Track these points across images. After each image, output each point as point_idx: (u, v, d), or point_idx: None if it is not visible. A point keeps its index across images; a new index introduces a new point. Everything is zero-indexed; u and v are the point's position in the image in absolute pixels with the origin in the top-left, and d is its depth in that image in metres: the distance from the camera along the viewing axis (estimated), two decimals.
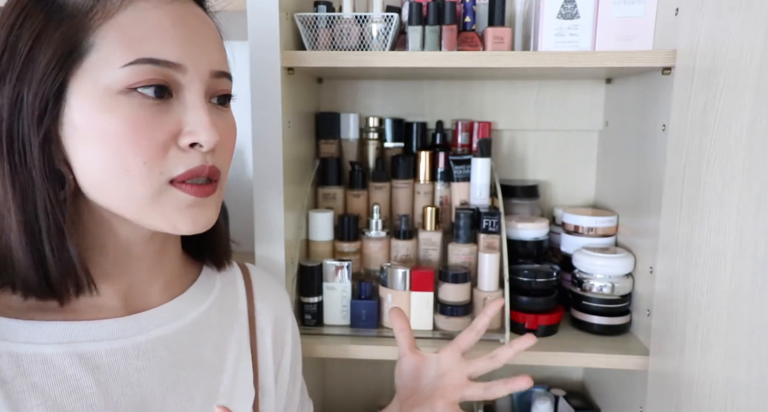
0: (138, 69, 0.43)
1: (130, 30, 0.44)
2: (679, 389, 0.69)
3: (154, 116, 0.44)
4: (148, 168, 0.44)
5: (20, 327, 0.45)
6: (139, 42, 0.43)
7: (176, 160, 0.46)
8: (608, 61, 0.75)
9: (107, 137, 0.43)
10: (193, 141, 0.46)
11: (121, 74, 0.43)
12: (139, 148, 0.44)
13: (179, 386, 0.51)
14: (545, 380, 1.14)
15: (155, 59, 0.44)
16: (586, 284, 0.86)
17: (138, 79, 0.43)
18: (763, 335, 0.53)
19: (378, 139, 1.03)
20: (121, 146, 0.44)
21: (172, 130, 0.45)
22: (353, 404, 1.18)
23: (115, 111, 0.43)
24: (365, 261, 0.93)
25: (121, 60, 0.43)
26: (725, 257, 0.60)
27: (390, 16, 0.80)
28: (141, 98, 0.44)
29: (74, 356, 0.46)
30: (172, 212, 0.47)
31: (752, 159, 0.55)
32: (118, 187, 0.45)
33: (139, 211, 0.46)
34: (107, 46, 0.43)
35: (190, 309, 0.55)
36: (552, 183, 1.08)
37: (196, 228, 0.48)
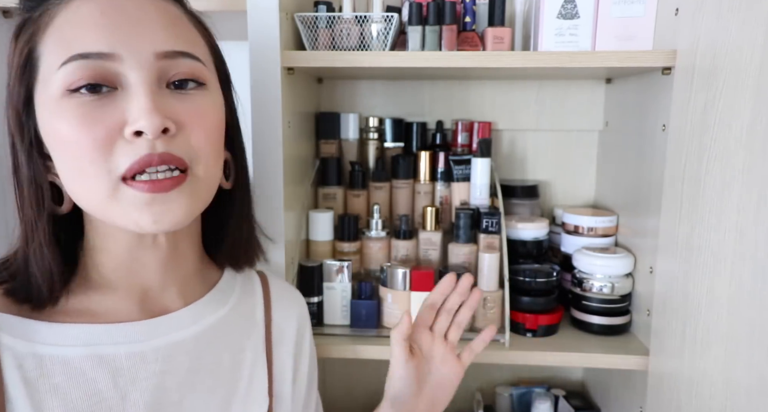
0: (71, 67, 0.42)
1: (64, 30, 0.44)
2: (679, 389, 0.69)
3: (93, 113, 0.43)
4: (96, 166, 0.43)
5: (43, 328, 0.45)
6: (70, 41, 0.43)
7: (121, 153, 0.43)
8: (608, 61, 0.75)
9: (59, 143, 0.44)
10: (134, 129, 0.43)
11: (58, 77, 0.43)
12: (82, 148, 0.43)
13: (195, 391, 0.52)
14: (545, 380, 1.14)
15: (85, 53, 0.42)
16: (586, 284, 0.86)
17: (73, 77, 0.42)
18: (763, 335, 0.53)
19: (378, 139, 1.03)
20: (69, 149, 0.44)
21: (114, 124, 0.43)
22: (353, 404, 1.18)
23: (61, 115, 0.43)
24: (365, 261, 0.93)
25: (57, 62, 0.43)
26: (725, 257, 0.60)
27: (390, 16, 0.80)
28: (79, 97, 0.43)
29: (94, 359, 0.46)
30: (131, 211, 0.44)
31: (752, 159, 0.55)
32: (80, 190, 0.46)
33: (102, 212, 0.46)
34: (49, 52, 0.44)
35: (208, 314, 0.55)
36: (552, 183, 1.08)
37: (161, 227, 0.45)
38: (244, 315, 0.60)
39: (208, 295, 0.57)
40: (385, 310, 0.87)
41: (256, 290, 0.63)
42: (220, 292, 0.58)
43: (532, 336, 0.86)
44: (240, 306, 0.59)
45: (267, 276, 0.66)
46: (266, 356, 0.60)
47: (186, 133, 0.46)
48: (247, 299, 0.61)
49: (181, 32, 0.47)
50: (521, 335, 0.87)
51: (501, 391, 1.09)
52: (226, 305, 0.58)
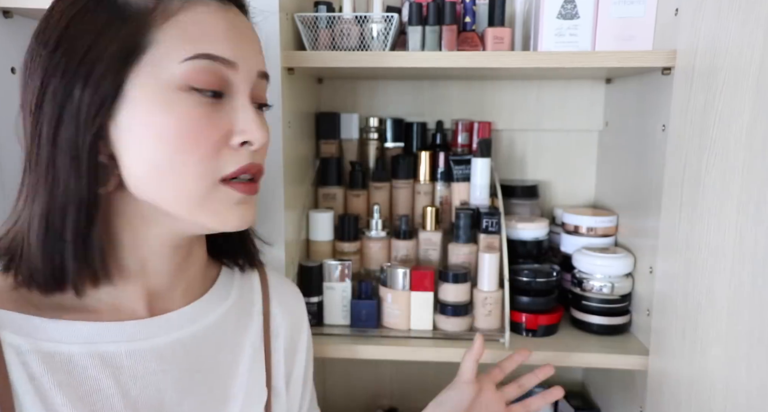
0: (196, 64, 0.45)
1: (189, 29, 0.45)
2: (678, 389, 0.69)
3: (209, 115, 0.46)
4: (203, 166, 0.46)
5: (46, 325, 0.45)
6: (197, 39, 0.45)
7: (228, 158, 0.47)
8: (608, 61, 0.75)
9: (165, 134, 0.44)
10: (244, 140, 0.47)
11: (181, 69, 0.44)
12: (196, 146, 0.45)
13: (195, 388, 0.52)
14: (545, 380, 1.14)
15: (213, 55, 0.45)
16: (585, 284, 0.86)
17: (197, 74, 0.45)
18: (763, 335, 0.53)
19: (378, 139, 1.03)
20: (179, 143, 0.45)
21: (225, 129, 0.47)
22: (353, 404, 1.18)
23: (175, 108, 0.44)
24: (365, 261, 0.93)
25: (180, 55, 0.44)
26: (725, 257, 0.60)
27: (390, 16, 0.80)
28: (198, 96, 0.45)
29: (96, 357, 0.46)
30: (221, 210, 0.48)
31: (752, 159, 0.55)
32: (171, 184, 0.46)
33: (189, 208, 0.47)
34: (167, 42, 0.44)
35: (208, 312, 0.55)
36: (552, 183, 1.09)
37: (243, 225, 0.50)
38: (244, 310, 0.60)
39: (209, 293, 0.57)
40: (385, 310, 0.87)
41: (254, 284, 0.63)
42: (220, 288, 0.59)
43: (532, 336, 0.86)
44: (239, 302, 0.60)
45: (266, 270, 0.66)
46: (264, 349, 0.61)
47: (264, 147, 0.52)
48: (246, 293, 0.61)
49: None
50: (521, 335, 0.87)
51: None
52: (226, 302, 0.58)
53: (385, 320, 0.87)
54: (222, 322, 0.56)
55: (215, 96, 0.46)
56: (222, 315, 0.57)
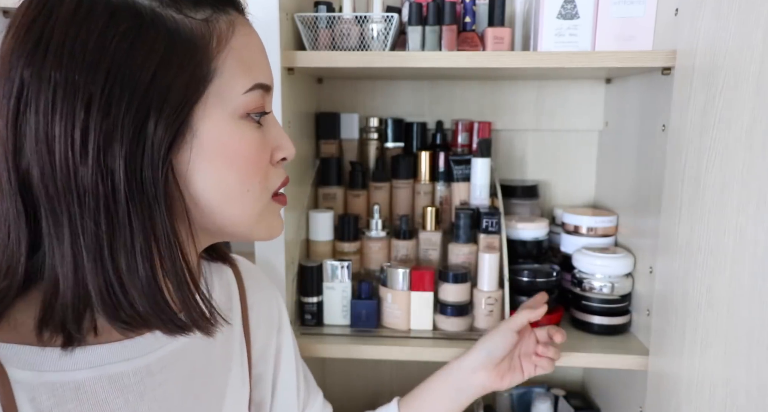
0: (255, 94, 0.46)
1: (243, 55, 0.45)
2: (678, 389, 0.69)
3: (262, 138, 0.48)
4: (262, 186, 0.48)
5: (53, 355, 0.44)
6: (251, 69, 0.46)
7: (274, 175, 0.51)
8: (608, 62, 0.75)
9: (235, 160, 0.46)
10: (283, 156, 0.51)
11: (244, 99, 0.45)
12: (258, 169, 0.48)
13: (195, 392, 0.52)
14: (545, 380, 1.14)
15: (264, 85, 0.47)
16: (586, 284, 0.86)
17: (255, 104, 0.46)
18: (763, 335, 0.53)
19: (378, 139, 1.03)
20: (246, 168, 0.46)
21: (271, 149, 0.50)
22: (353, 404, 1.18)
23: (241, 135, 0.46)
24: (365, 261, 0.93)
25: (242, 86, 0.45)
26: (725, 256, 0.60)
27: (390, 16, 0.80)
28: (253, 121, 0.47)
29: (104, 379, 0.45)
30: (272, 222, 0.52)
31: (752, 159, 0.55)
32: (237, 206, 0.47)
33: (250, 225, 0.49)
34: (228, 71, 0.44)
35: None
36: (552, 183, 1.09)
37: (279, 234, 0.54)
38: (225, 305, 0.60)
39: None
40: (385, 310, 0.87)
41: (228, 277, 0.63)
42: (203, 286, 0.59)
43: None
44: (220, 299, 0.60)
45: (236, 261, 0.66)
46: (245, 341, 0.61)
47: None
48: (223, 288, 0.62)
49: None
50: None
51: (501, 391, 1.09)
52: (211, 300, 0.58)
53: (385, 320, 0.87)
54: None
55: (260, 119, 0.48)
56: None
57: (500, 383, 0.74)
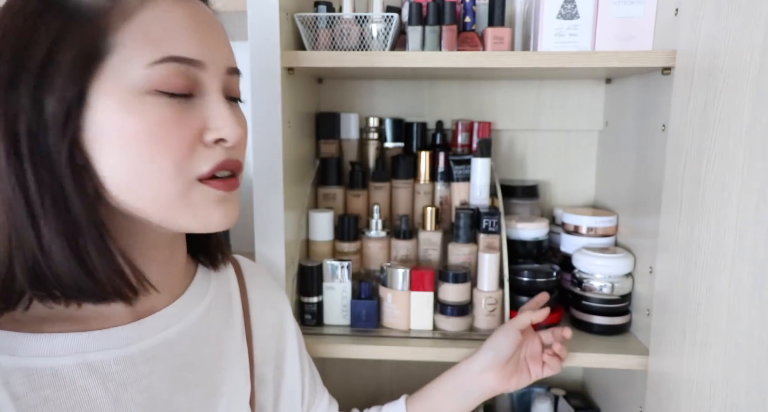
0: (163, 68, 0.43)
1: (151, 29, 0.43)
2: (678, 389, 0.69)
3: (180, 115, 0.45)
4: (178, 167, 0.45)
5: (30, 340, 0.44)
6: (161, 40, 0.43)
7: (203, 157, 0.46)
8: (608, 62, 0.75)
9: (136, 139, 0.43)
10: (219, 137, 0.47)
11: (147, 74, 0.43)
12: (169, 149, 0.44)
13: (184, 387, 0.52)
14: (545, 380, 1.13)
15: (179, 57, 0.44)
16: (586, 284, 0.86)
17: (163, 78, 0.44)
18: (763, 335, 0.53)
19: (378, 139, 1.03)
20: (151, 147, 0.44)
21: (197, 128, 0.46)
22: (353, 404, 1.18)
23: (143, 112, 0.43)
24: (365, 261, 0.93)
25: (145, 59, 0.43)
26: (725, 256, 0.60)
27: (390, 16, 0.80)
28: (167, 97, 0.44)
29: (84, 367, 0.45)
30: (202, 209, 0.47)
31: (752, 159, 0.55)
32: (148, 189, 0.45)
33: (169, 211, 0.46)
34: (129, 45, 0.43)
35: (189, 310, 0.55)
36: (552, 183, 1.09)
37: (228, 223, 0.49)
38: (222, 305, 0.60)
39: (189, 290, 0.57)
40: (385, 310, 0.87)
41: (230, 277, 0.63)
42: (199, 284, 0.58)
43: None
44: (217, 297, 0.59)
45: (239, 261, 0.66)
46: (246, 341, 0.61)
47: (241, 142, 0.50)
48: (223, 287, 0.61)
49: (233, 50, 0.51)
50: None
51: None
52: (205, 299, 0.58)
53: (385, 320, 0.87)
54: (204, 317, 0.56)
55: (185, 96, 0.45)
56: (202, 312, 0.56)
57: (507, 385, 0.74)
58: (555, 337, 0.78)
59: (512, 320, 0.78)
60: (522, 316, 0.77)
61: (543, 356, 0.77)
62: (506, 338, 0.75)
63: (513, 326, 0.76)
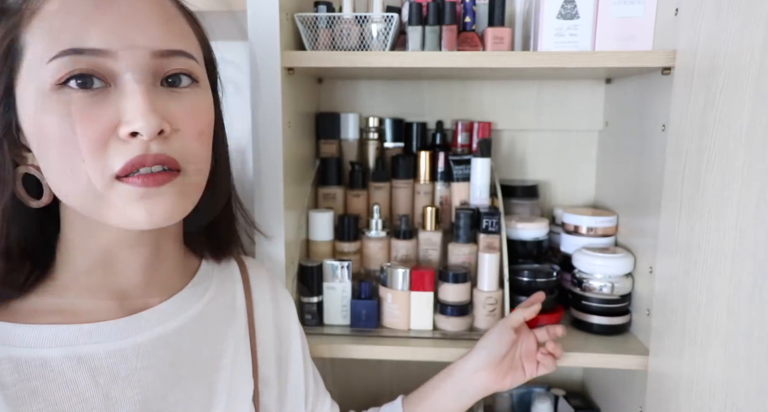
0: (62, 62, 0.41)
1: (54, 22, 0.41)
2: (678, 389, 0.69)
3: (87, 110, 0.42)
4: (89, 165, 0.42)
5: (19, 331, 0.44)
6: (60, 33, 0.41)
7: (115, 152, 0.43)
8: (608, 62, 0.75)
9: (47, 138, 0.42)
10: (130, 130, 0.42)
11: (48, 70, 0.41)
12: (75, 147, 0.42)
13: (179, 384, 0.51)
14: (545, 380, 1.14)
15: (78, 49, 0.41)
16: (585, 284, 0.86)
17: (62, 73, 0.41)
18: (763, 335, 0.53)
19: (378, 139, 1.03)
20: (60, 146, 0.42)
21: (108, 123, 0.42)
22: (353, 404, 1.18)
23: (50, 110, 0.41)
24: (365, 261, 0.93)
25: (46, 55, 0.41)
26: (725, 256, 0.60)
27: (390, 16, 0.80)
28: (71, 93, 0.41)
29: (73, 359, 0.45)
30: (124, 207, 0.44)
31: (752, 159, 0.55)
32: (69, 187, 0.44)
33: (93, 209, 0.44)
34: (35, 42, 0.41)
35: (188, 307, 0.55)
36: (552, 183, 1.09)
37: (154, 220, 0.45)
38: (225, 303, 0.60)
39: (188, 287, 0.56)
40: (385, 310, 0.87)
41: (235, 277, 0.63)
42: (200, 281, 0.58)
43: None
44: (219, 294, 0.59)
45: (245, 262, 0.66)
46: (249, 341, 0.60)
47: (180, 133, 0.46)
48: (227, 285, 0.61)
49: (176, 29, 0.46)
50: None
51: (501, 391, 1.09)
52: (206, 295, 0.57)
53: (385, 320, 0.87)
54: (203, 315, 0.56)
55: (90, 88, 0.42)
56: (201, 310, 0.56)
57: (502, 383, 0.74)
58: (549, 335, 0.78)
59: (505, 319, 0.78)
60: (514, 314, 0.78)
61: (537, 355, 0.77)
62: (500, 337, 0.75)
63: (506, 325, 0.76)
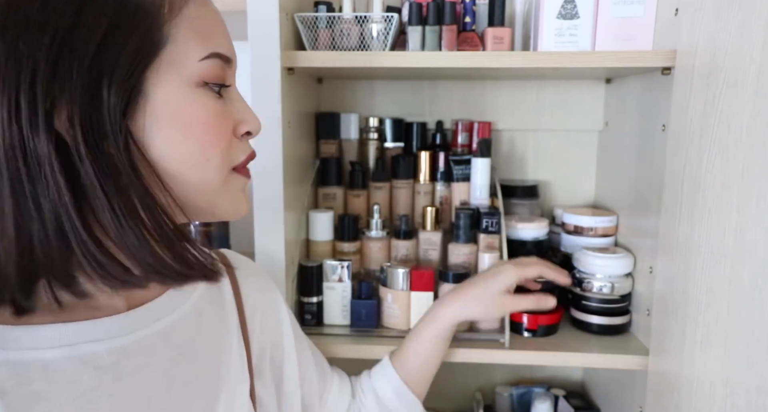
0: (212, 63, 0.46)
1: (198, 25, 0.45)
2: (678, 389, 0.69)
3: (222, 108, 0.47)
4: (222, 156, 0.48)
5: (15, 332, 0.43)
6: (208, 37, 0.46)
7: (238, 148, 0.50)
8: (608, 62, 0.75)
9: (192, 128, 0.45)
10: (248, 130, 0.50)
11: (199, 67, 0.45)
12: (218, 138, 0.47)
13: (182, 380, 0.51)
14: (545, 380, 1.14)
15: (222, 54, 0.47)
16: (586, 284, 0.86)
17: (212, 73, 0.46)
18: (763, 334, 0.53)
19: (378, 139, 1.03)
20: (204, 136, 0.46)
21: (233, 121, 0.49)
22: None
23: (198, 102, 0.45)
24: (365, 261, 0.93)
25: (197, 54, 0.45)
26: (725, 256, 0.60)
27: (390, 16, 0.80)
28: (211, 91, 0.47)
29: (75, 359, 0.44)
30: (236, 196, 0.51)
31: (752, 159, 0.55)
32: (195, 176, 0.46)
33: (210, 197, 0.49)
34: (183, 38, 0.44)
35: (182, 300, 0.54)
36: (552, 183, 1.09)
37: (247, 210, 0.53)
38: (215, 296, 0.59)
39: None
40: (385, 310, 0.87)
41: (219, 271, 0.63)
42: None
43: (532, 336, 0.86)
44: (208, 289, 0.59)
45: (225, 254, 0.65)
46: (242, 334, 0.60)
47: None
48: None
49: None
50: (521, 335, 0.87)
51: (501, 391, 1.09)
52: (197, 290, 0.57)
53: (385, 320, 0.87)
54: (197, 309, 0.55)
55: (220, 92, 0.48)
56: (196, 302, 0.56)
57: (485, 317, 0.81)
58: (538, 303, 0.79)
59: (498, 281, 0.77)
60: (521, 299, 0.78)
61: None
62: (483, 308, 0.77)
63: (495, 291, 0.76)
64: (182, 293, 0.55)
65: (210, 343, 0.56)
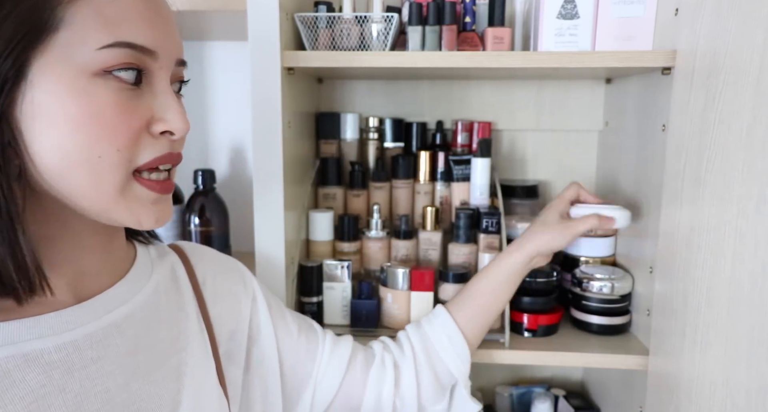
0: (115, 52, 0.42)
1: (105, 10, 0.41)
2: (678, 389, 0.69)
3: (129, 102, 0.43)
4: (121, 155, 0.43)
5: None
6: (115, 24, 0.42)
7: (146, 147, 0.45)
8: (608, 61, 0.75)
9: (81, 121, 0.41)
10: (165, 129, 0.46)
11: (98, 56, 0.41)
12: (116, 135, 0.43)
13: (142, 370, 0.50)
14: (545, 380, 1.14)
15: (133, 44, 0.42)
16: (586, 284, 0.86)
17: (115, 62, 0.42)
18: (763, 335, 0.53)
19: (378, 139, 1.03)
20: (97, 132, 0.42)
21: (145, 117, 0.45)
22: None
23: (92, 94, 0.42)
24: (365, 261, 0.93)
25: (97, 41, 0.41)
26: (725, 257, 0.60)
27: (390, 16, 0.80)
28: (117, 82, 0.43)
29: (18, 358, 0.42)
30: (137, 208, 0.46)
31: (752, 159, 0.55)
32: (85, 175, 0.43)
33: (104, 203, 0.44)
34: (80, 24, 0.41)
35: (135, 291, 0.53)
36: (552, 183, 1.08)
37: (159, 225, 0.49)
38: (172, 286, 0.58)
39: (132, 271, 0.55)
40: (385, 310, 0.87)
41: (173, 261, 0.62)
42: (141, 268, 0.57)
43: (532, 336, 0.86)
44: (163, 279, 0.58)
45: (180, 246, 0.65)
46: (204, 321, 0.60)
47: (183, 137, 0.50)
48: (167, 271, 0.60)
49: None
50: (521, 334, 0.87)
51: (501, 391, 1.09)
52: (151, 280, 0.56)
53: (385, 320, 0.87)
54: (153, 299, 0.54)
55: (135, 83, 0.44)
56: (150, 294, 0.55)
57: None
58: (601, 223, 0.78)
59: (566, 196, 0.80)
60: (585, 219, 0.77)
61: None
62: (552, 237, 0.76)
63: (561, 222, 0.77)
64: (135, 284, 0.54)
65: (169, 332, 0.55)
